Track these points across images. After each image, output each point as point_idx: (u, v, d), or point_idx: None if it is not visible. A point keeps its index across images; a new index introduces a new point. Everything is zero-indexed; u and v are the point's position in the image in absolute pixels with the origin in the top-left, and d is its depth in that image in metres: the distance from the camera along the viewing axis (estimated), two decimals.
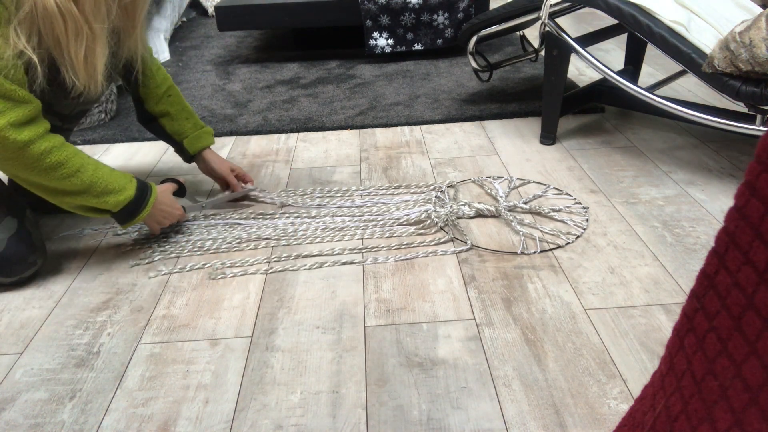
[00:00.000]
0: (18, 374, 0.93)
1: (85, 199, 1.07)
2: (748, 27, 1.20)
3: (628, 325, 0.98)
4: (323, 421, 0.82)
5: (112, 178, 1.09)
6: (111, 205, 1.09)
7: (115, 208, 1.10)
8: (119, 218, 1.14)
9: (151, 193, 1.16)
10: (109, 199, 1.09)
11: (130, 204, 1.12)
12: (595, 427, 0.80)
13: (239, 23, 2.37)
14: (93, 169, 1.07)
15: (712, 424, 0.42)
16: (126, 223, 1.15)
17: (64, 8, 0.94)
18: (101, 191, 1.07)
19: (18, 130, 0.97)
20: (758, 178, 0.39)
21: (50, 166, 1.02)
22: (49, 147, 1.01)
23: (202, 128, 1.38)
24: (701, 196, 1.35)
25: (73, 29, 0.96)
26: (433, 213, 1.29)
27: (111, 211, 1.11)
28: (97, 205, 1.09)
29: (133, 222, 1.15)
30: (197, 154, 1.37)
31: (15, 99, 0.96)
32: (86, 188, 1.06)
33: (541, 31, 1.57)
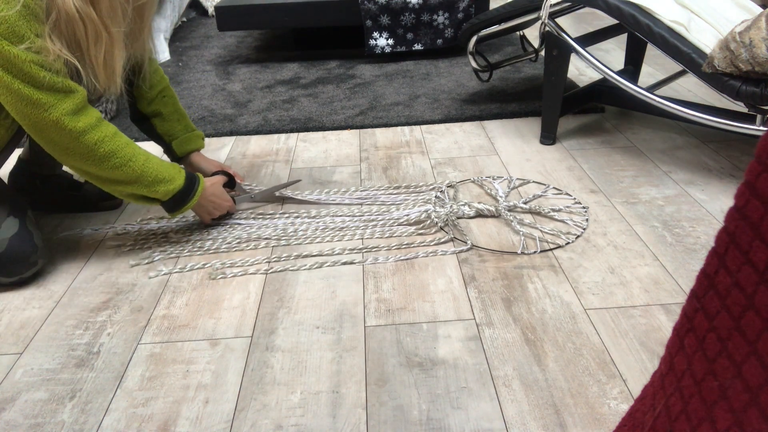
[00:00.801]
0: (18, 374, 0.93)
1: (136, 188, 1.11)
2: (748, 27, 1.20)
3: (628, 325, 0.98)
4: (323, 421, 0.82)
5: (162, 168, 1.13)
6: (161, 194, 1.14)
7: (164, 197, 1.15)
8: (168, 207, 1.18)
9: (199, 183, 1.20)
10: (160, 188, 1.13)
11: (179, 193, 1.16)
12: (595, 427, 0.80)
13: (239, 23, 2.37)
14: (144, 160, 1.11)
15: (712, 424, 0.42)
16: (174, 211, 1.19)
17: (84, 13, 0.98)
18: (152, 180, 1.12)
19: (74, 119, 1.02)
20: (758, 178, 0.39)
21: (104, 156, 1.06)
22: (102, 136, 1.05)
23: (193, 131, 1.39)
24: (701, 196, 1.35)
25: (93, 33, 1.00)
26: (433, 213, 1.29)
27: (160, 200, 1.16)
28: (147, 194, 1.13)
29: (181, 211, 1.19)
30: (184, 156, 1.38)
31: (64, 90, 1.00)
32: (137, 177, 1.10)
33: (541, 31, 1.57)
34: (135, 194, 1.13)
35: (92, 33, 1.00)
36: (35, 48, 0.95)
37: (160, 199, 1.15)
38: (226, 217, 1.32)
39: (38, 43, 0.96)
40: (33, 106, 0.98)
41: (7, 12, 0.92)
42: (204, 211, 1.26)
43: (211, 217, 1.28)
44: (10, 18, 0.92)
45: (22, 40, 0.94)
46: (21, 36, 0.94)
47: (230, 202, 1.29)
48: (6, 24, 0.93)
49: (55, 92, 0.99)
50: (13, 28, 0.93)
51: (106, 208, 1.40)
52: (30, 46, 0.95)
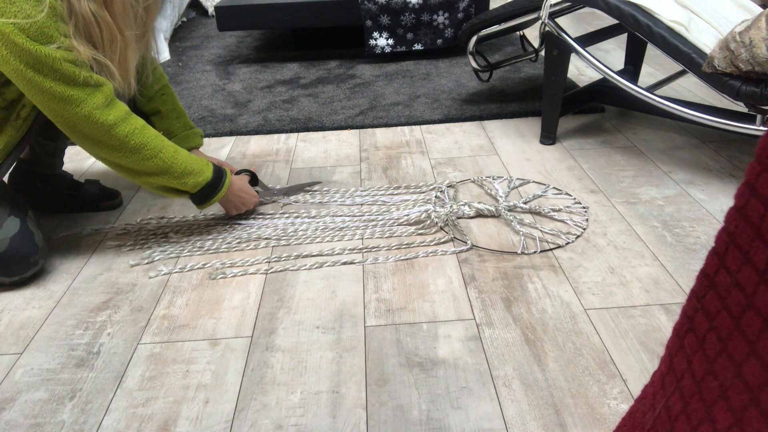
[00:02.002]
0: (18, 374, 0.93)
1: (166, 180, 1.14)
2: (748, 27, 1.20)
3: (628, 325, 0.98)
4: (323, 421, 0.82)
5: (191, 161, 1.16)
6: (190, 186, 1.16)
7: (193, 189, 1.17)
8: (196, 199, 1.20)
9: (226, 177, 1.23)
10: (189, 180, 1.15)
11: (207, 186, 1.19)
12: (595, 427, 0.80)
13: (239, 23, 2.37)
14: (173, 151, 1.13)
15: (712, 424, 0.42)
16: (202, 204, 1.21)
17: (99, 16, 1.01)
18: (181, 172, 1.14)
19: (104, 112, 1.04)
20: (758, 178, 0.39)
21: (134, 148, 1.08)
22: (132, 129, 1.07)
23: (191, 129, 1.40)
24: (701, 196, 1.35)
25: (108, 36, 1.03)
26: (433, 213, 1.29)
27: (189, 192, 1.18)
28: (177, 186, 1.16)
29: (208, 204, 1.22)
30: None
31: (94, 84, 1.03)
32: (167, 169, 1.12)
33: (541, 31, 1.57)
34: (165, 186, 1.15)
35: (107, 35, 1.03)
36: (65, 46, 0.98)
37: (188, 191, 1.18)
38: (252, 212, 1.35)
39: (67, 42, 0.98)
40: (65, 102, 1.00)
41: (36, 16, 0.95)
42: (231, 206, 1.28)
43: (237, 212, 1.30)
44: (38, 21, 0.95)
45: (51, 40, 0.97)
46: (50, 36, 0.96)
47: (256, 198, 1.33)
48: (35, 27, 0.95)
49: (85, 87, 1.02)
50: (42, 30, 0.95)
51: (106, 208, 1.40)
52: (60, 45, 0.97)
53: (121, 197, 1.43)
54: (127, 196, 1.46)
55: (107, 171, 1.60)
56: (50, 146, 1.32)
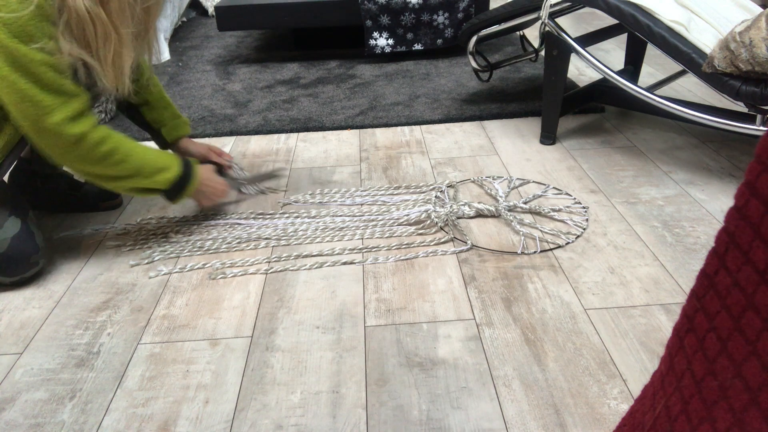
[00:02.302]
0: (18, 374, 0.93)
1: (138, 181, 1.13)
2: (748, 27, 1.20)
3: (628, 325, 0.98)
4: (323, 421, 0.82)
5: (159, 158, 1.16)
6: (162, 183, 1.16)
7: (165, 185, 1.17)
8: (170, 195, 1.20)
9: (194, 168, 1.22)
10: (160, 178, 1.15)
11: (179, 179, 1.18)
12: (595, 427, 0.80)
13: (239, 23, 2.37)
14: (141, 153, 1.13)
15: (712, 424, 0.42)
16: (176, 198, 1.21)
17: (94, 13, 0.98)
18: (152, 171, 1.14)
19: (73, 125, 1.03)
20: (758, 178, 0.39)
21: (103, 155, 1.07)
22: (99, 137, 1.06)
23: (179, 118, 1.40)
24: (701, 196, 1.35)
25: (102, 33, 1.01)
26: (433, 213, 1.29)
27: (162, 190, 1.17)
28: (149, 185, 1.15)
29: (182, 197, 1.21)
30: (174, 142, 1.40)
31: (68, 93, 1.02)
32: (137, 171, 1.12)
33: (541, 31, 1.57)
34: (137, 187, 1.15)
35: (102, 33, 1.01)
36: (47, 49, 0.97)
37: (161, 188, 1.17)
38: (224, 205, 1.35)
39: (50, 45, 0.97)
40: (35, 106, 0.99)
41: (20, 12, 0.93)
42: (203, 197, 1.27)
43: (211, 203, 1.29)
44: (22, 18, 0.94)
45: (33, 40, 0.95)
46: (32, 36, 0.95)
47: (225, 185, 1.31)
48: (18, 23, 0.94)
49: (59, 95, 1.01)
50: (24, 28, 0.94)
51: (106, 208, 1.40)
52: (42, 47, 0.96)
53: (121, 197, 1.43)
54: (126, 196, 1.46)
55: None
56: None
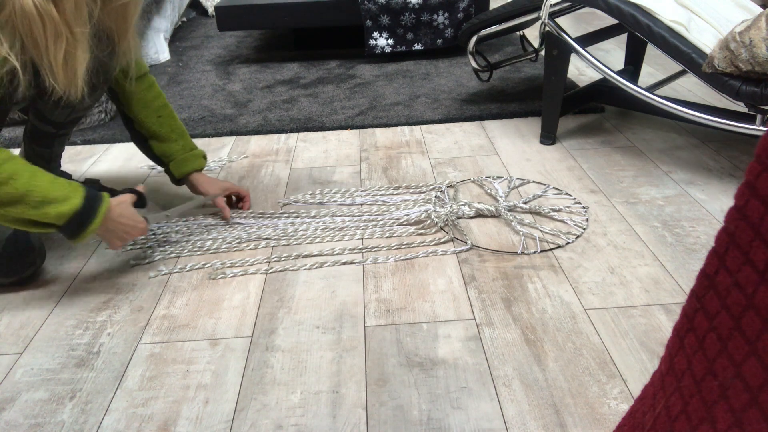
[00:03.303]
0: (18, 374, 0.93)
1: (22, 211, 0.96)
2: (748, 27, 1.20)
3: (628, 325, 0.98)
4: (323, 421, 0.82)
5: (53, 187, 0.98)
6: (53, 217, 0.98)
7: (58, 220, 0.99)
8: (66, 232, 1.02)
9: (101, 203, 1.04)
10: (50, 210, 0.97)
11: (76, 215, 1.00)
12: (595, 427, 0.80)
13: (239, 23, 2.37)
14: (29, 176, 0.96)
15: (712, 424, 0.42)
16: (75, 237, 1.02)
17: (43, 10, 0.91)
18: (40, 201, 0.96)
19: None
20: (758, 178, 0.39)
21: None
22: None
23: (191, 151, 1.31)
24: (701, 196, 1.35)
25: (52, 32, 0.93)
26: (433, 213, 1.29)
27: (56, 225, 1.00)
28: (37, 218, 0.97)
29: (83, 237, 1.03)
30: (183, 178, 1.32)
31: None
32: (20, 198, 0.95)
33: (541, 31, 1.57)
34: (23, 218, 0.97)
35: (52, 32, 0.93)
36: None
37: (54, 223, 0.99)
38: (140, 240, 1.21)
39: None
40: None
41: None
42: (113, 236, 1.09)
43: (122, 243, 1.11)
44: None
45: None
46: None
47: (143, 224, 1.13)
48: None
49: None
50: None
51: None
52: None
53: None
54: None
55: (108, 170, 1.60)
56: (46, 153, 1.30)
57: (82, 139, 1.78)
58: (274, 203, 1.40)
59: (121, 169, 1.61)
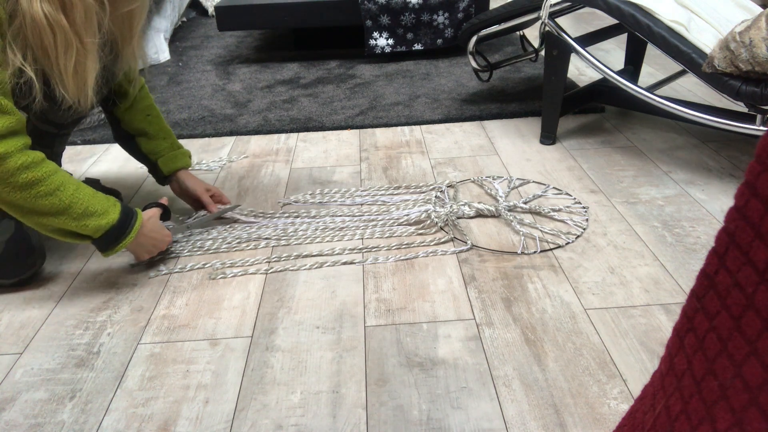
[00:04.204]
0: (18, 374, 0.93)
1: (63, 222, 1.00)
2: (748, 27, 1.20)
3: (628, 325, 0.98)
4: (323, 421, 0.82)
5: (95, 200, 1.03)
6: (91, 229, 1.02)
7: (95, 233, 1.03)
8: (100, 245, 1.06)
9: (136, 218, 1.08)
10: (90, 223, 1.01)
11: (113, 229, 1.04)
12: (595, 427, 0.80)
13: (239, 23, 2.37)
14: (74, 189, 1.00)
15: (712, 424, 0.42)
16: (108, 250, 1.07)
17: (53, 20, 0.91)
18: (81, 213, 1.00)
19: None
20: (758, 178, 0.39)
21: (26, 183, 0.96)
22: (26, 162, 0.96)
23: (179, 149, 1.33)
24: (701, 196, 1.35)
25: (62, 42, 0.94)
26: (433, 213, 1.29)
27: (91, 237, 1.04)
28: (76, 229, 1.01)
29: (115, 250, 1.07)
30: (171, 174, 1.32)
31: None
32: (64, 209, 0.99)
33: (541, 31, 1.57)
34: (62, 229, 1.01)
35: (62, 42, 0.94)
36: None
37: (90, 235, 1.03)
38: (165, 253, 1.21)
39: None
40: None
41: None
42: (143, 251, 1.13)
43: (149, 256, 1.15)
44: None
45: None
46: None
47: (169, 237, 1.18)
48: None
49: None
50: None
51: None
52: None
53: (122, 197, 1.43)
54: (127, 196, 1.46)
55: (107, 170, 1.60)
56: (46, 153, 1.29)
57: (82, 139, 1.78)
58: (274, 203, 1.40)
59: (121, 169, 1.61)
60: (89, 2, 0.96)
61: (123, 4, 1.04)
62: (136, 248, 1.12)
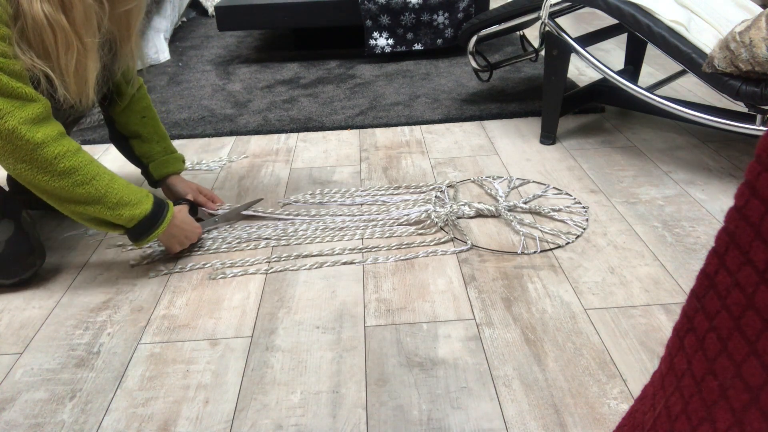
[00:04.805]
0: (18, 374, 0.93)
1: (98, 211, 1.03)
2: (748, 27, 1.20)
3: (628, 325, 0.98)
4: (323, 421, 0.82)
5: (129, 191, 1.05)
6: (125, 219, 1.05)
7: (129, 222, 1.06)
8: (133, 234, 1.09)
9: (167, 209, 1.12)
10: (124, 212, 1.04)
11: (146, 219, 1.07)
12: (595, 427, 0.80)
13: (239, 23, 2.37)
14: (109, 179, 1.03)
15: (712, 424, 0.42)
16: (140, 240, 1.10)
17: (54, 20, 0.92)
18: (116, 203, 1.03)
19: (32, 129, 0.94)
20: (758, 178, 0.39)
21: (64, 171, 0.98)
22: (63, 151, 0.98)
23: (172, 153, 1.33)
24: (701, 196, 1.35)
25: (63, 42, 0.94)
26: (433, 213, 1.29)
27: (124, 227, 1.07)
28: (110, 218, 1.04)
29: (147, 240, 1.10)
30: (162, 179, 1.32)
31: (23, 97, 0.94)
32: (99, 198, 1.02)
33: (541, 31, 1.57)
34: (97, 218, 1.04)
35: (63, 41, 0.94)
36: (1, 51, 0.90)
37: (123, 225, 1.06)
38: (195, 246, 1.23)
39: (3, 47, 0.90)
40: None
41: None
42: (175, 241, 1.16)
43: (180, 247, 1.18)
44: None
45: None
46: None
47: (200, 230, 1.22)
48: None
49: (14, 99, 0.93)
50: None
51: None
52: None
53: None
54: None
55: None
56: None
57: (82, 139, 1.78)
58: (274, 203, 1.40)
59: (122, 170, 1.61)
60: (89, 2, 0.96)
61: (121, 4, 1.05)
62: (168, 239, 1.15)
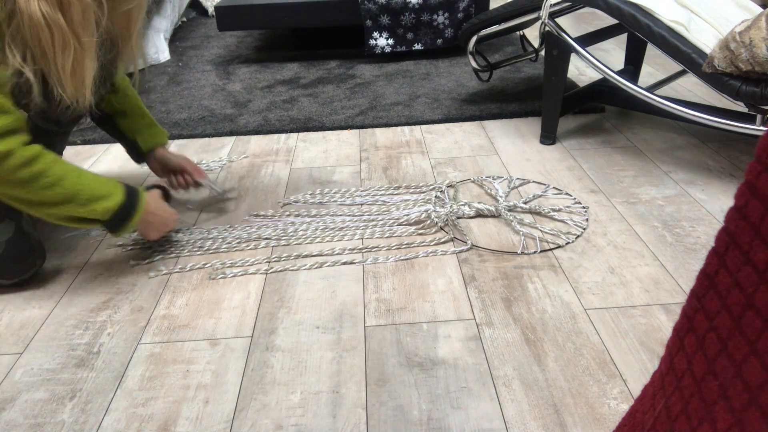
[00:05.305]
0: (18, 374, 0.93)
1: (72, 209, 1.02)
2: (748, 27, 1.20)
3: (628, 325, 0.98)
4: (323, 421, 0.82)
5: (98, 184, 1.05)
6: (100, 213, 1.05)
7: (104, 216, 1.06)
8: (110, 226, 1.09)
9: (139, 196, 1.11)
10: (97, 207, 1.04)
11: (120, 210, 1.07)
12: (595, 427, 0.80)
13: (239, 23, 2.37)
14: (76, 177, 1.02)
15: (712, 424, 0.42)
16: (118, 230, 1.10)
17: (51, 19, 0.91)
18: (88, 199, 1.03)
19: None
20: (758, 178, 0.39)
21: (29, 178, 0.97)
22: (26, 158, 0.97)
23: (156, 126, 1.35)
24: (701, 196, 1.35)
25: (60, 41, 0.94)
26: (433, 213, 1.29)
27: (100, 220, 1.07)
28: (85, 215, 1.04)
29: (125, 229, 1.10)
30: (150, 151, 1.34)
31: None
32: (71, 197, 1.01)
33: (541, 31, 1.57)
34: (72, 216, 1.04)
35: (60, 41, 0.93)
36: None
37: (99, 219, 1.06)
38: (175, 231, 1.25)
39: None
40: None
41: None
42: (152, 228, 1.16)
43: (158, 234, 1.18)
44: None
45: None
46: None
47: (176, 215, 1.21)
48: None
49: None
50: None
51: None
52: None
53: None
54: None
55: (108, 170, 1.60)
56: None
57: (82, 139, 1.78)
58: (274, 203, 1.40)
59: (121, 169, 1.61)
60: (87, 1, 0.96)
61: (121, 4, 1.05)
62: (145, 227, 1.15)
